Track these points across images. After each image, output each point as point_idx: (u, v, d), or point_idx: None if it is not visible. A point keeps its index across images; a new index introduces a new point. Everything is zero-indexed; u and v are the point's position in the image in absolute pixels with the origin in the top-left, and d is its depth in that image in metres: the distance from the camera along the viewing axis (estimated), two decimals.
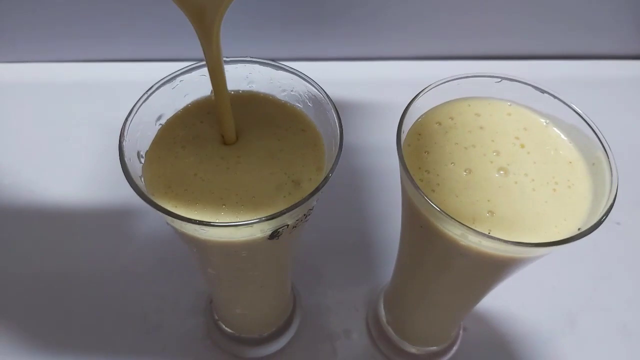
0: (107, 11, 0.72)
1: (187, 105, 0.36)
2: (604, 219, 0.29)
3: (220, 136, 0.34)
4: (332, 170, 0.30)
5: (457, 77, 0.35)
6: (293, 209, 0.28)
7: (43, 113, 0.71)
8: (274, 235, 0.31)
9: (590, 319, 0.55)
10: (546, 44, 0.81)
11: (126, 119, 0.31)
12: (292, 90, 0.36)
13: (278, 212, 0.28)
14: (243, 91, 0.37)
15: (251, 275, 0.38)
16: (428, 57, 0.80)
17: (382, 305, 0.50)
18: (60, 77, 0.76)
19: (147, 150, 0.33)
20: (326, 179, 0.30)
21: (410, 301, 0.44)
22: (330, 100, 0.33)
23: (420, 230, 0.34)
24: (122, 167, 0.29)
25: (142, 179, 0.31)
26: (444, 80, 0.35)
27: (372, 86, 0.75)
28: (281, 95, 0.36)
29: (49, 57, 0.77)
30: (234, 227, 0.28)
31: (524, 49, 0.81)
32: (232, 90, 0.36)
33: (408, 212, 0.35)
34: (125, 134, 0.31)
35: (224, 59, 0.34)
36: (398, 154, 0.32)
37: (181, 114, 0.35)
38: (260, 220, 0.27)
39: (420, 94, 0.34)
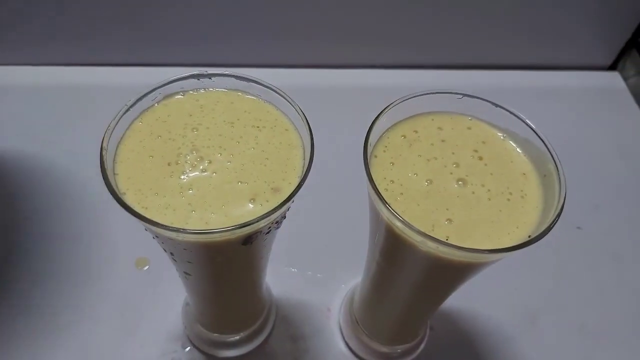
0: (83, 15, 0.73)
1: (154, 105, 0.37)
2: (552, 227, 0.32)
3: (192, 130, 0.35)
4: (303, 178, 0.32)
5: (422, 93, 0.37)
6: (265, 217, 0.30)
7: (21, 116, 0.72)
8: (247, 241, 0.33)
9: (550, 318, 0.57)
10: (509, 55, 0.84)
11: (106, 131, 0.33)
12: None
13: (248, 222, 0.29)
14: (218, 90, 0.38)
15: (226, 277, 0.40)
16: (398, 66, 0.83)
17: (352, 305, 0.53)
18: (37, 80, 0.76)
19: (117, 149, 0.34)
20: (298, 186, 0.32)
21: (377, 301, 0.47)
22: (302, 111, 0.35)
23: (385, 235, 0.36)
24: (104, 179, 0.31)
25: (115, 180, 0.33)
26: (410, 96, 0.37)
27: (344, 93, 0.78)
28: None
29: (23, 60, 0.78)
30: (203, 234, 0.30)
31: (488, 58, 0.84)
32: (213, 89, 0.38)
33: (374, 218, 0.37)
34: (105, 145, 0.32)
35: (200, 71, 0.36)
36: (365, 167, 0.34)
37: (151, 114, 0.36)
38: (228, 229, 0.29)
39: (386, 109, 0.36)
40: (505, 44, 0.82)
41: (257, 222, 0.30)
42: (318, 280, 0.58)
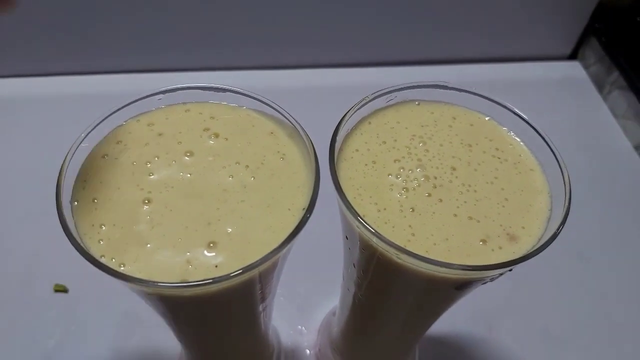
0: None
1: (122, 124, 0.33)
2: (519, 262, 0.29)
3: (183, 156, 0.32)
4: (309, 210, 0.29)
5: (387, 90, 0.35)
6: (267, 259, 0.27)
7: None
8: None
9: (509, 323, 0.54)
10: (467, 48, 0.83)
11: (65, 158, 0.29)
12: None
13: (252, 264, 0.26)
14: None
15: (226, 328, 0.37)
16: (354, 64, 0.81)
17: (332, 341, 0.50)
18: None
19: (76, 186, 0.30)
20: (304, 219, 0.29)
21: (363, 336, 0.45)
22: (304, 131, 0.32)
23: (362, 251, 0.33)
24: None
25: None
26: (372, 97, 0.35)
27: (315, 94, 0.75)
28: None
29: None
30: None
31: (446, 53, 0.83)
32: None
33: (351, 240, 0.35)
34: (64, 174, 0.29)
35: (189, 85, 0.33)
36: (332, 178, 0.31)
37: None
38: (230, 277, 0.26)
39: (342, 124, 0.33)
40: (462, 38, 0.81)
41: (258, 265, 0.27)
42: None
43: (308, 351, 0.53)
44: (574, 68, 0.84)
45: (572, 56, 0.86)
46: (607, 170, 0.71)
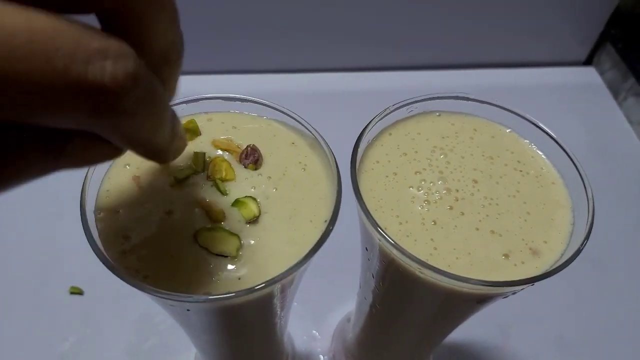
0: None
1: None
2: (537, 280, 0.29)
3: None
4: (332, 222, 0.29)
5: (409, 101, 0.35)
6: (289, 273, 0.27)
7: None
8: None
9: (524, 331, 0.54)
10: (482, 53, 0.82)
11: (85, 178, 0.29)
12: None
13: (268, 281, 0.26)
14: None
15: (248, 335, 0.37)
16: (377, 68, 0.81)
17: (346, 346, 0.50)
18: None
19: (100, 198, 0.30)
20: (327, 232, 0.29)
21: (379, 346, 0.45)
22: (325, 142, 0.32)
23: (381, 263, 0.33)
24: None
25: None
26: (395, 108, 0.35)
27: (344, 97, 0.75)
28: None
29: None
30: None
31: (462, 58, 0.82)
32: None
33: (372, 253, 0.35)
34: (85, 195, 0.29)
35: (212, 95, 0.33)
36: (354, 190, 0.31)
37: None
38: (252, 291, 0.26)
39: (363, 135, 0.33)
40: (478, 43, 0.81)
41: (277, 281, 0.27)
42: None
43: (322, 357, 0.53)
44: (590, 74, 0.83)
45: (588, 62, 0.85)
46: (622, 177, 0.70)
